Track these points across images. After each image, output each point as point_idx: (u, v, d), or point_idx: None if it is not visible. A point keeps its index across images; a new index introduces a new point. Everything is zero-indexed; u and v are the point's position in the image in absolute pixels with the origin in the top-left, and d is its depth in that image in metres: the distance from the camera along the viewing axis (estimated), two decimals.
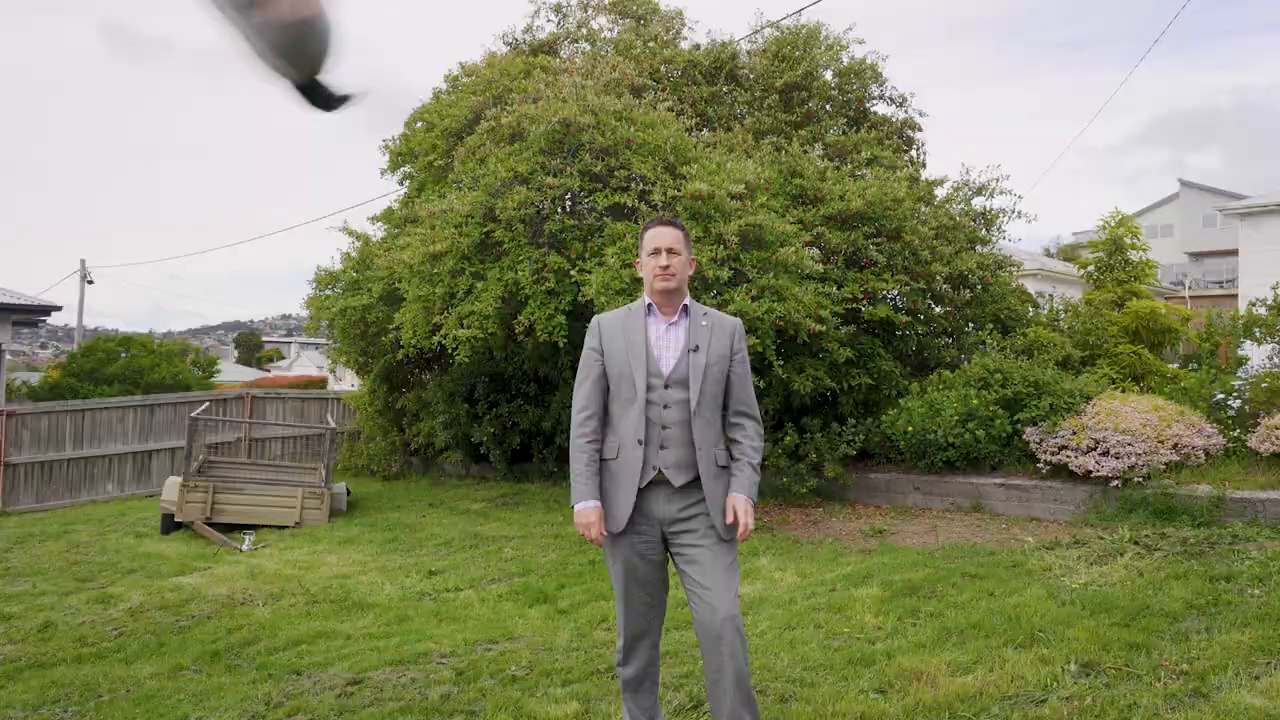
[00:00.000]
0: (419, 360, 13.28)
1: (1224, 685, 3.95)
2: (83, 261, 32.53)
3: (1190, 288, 33.51)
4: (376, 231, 12.06)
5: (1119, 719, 3.71)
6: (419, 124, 11.13)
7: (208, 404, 14.00)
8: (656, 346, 3.34)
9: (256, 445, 16.08)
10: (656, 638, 3.49)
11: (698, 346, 3.32)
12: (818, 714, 3.90)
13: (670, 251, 3.32)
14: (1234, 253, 33.90)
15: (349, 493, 11.60)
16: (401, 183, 11.81)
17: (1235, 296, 24.29)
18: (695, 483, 3.30)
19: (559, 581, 6.80)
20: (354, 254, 11.88)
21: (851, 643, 4.87)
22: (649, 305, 3.39)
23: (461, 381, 12.53)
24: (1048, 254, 38.47)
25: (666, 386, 3.28)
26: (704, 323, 3.38)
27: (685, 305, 3.39)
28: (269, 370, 67.20)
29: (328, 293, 11.69)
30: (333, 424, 11.65)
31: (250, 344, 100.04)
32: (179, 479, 10.46)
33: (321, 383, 36.28)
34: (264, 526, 10.24)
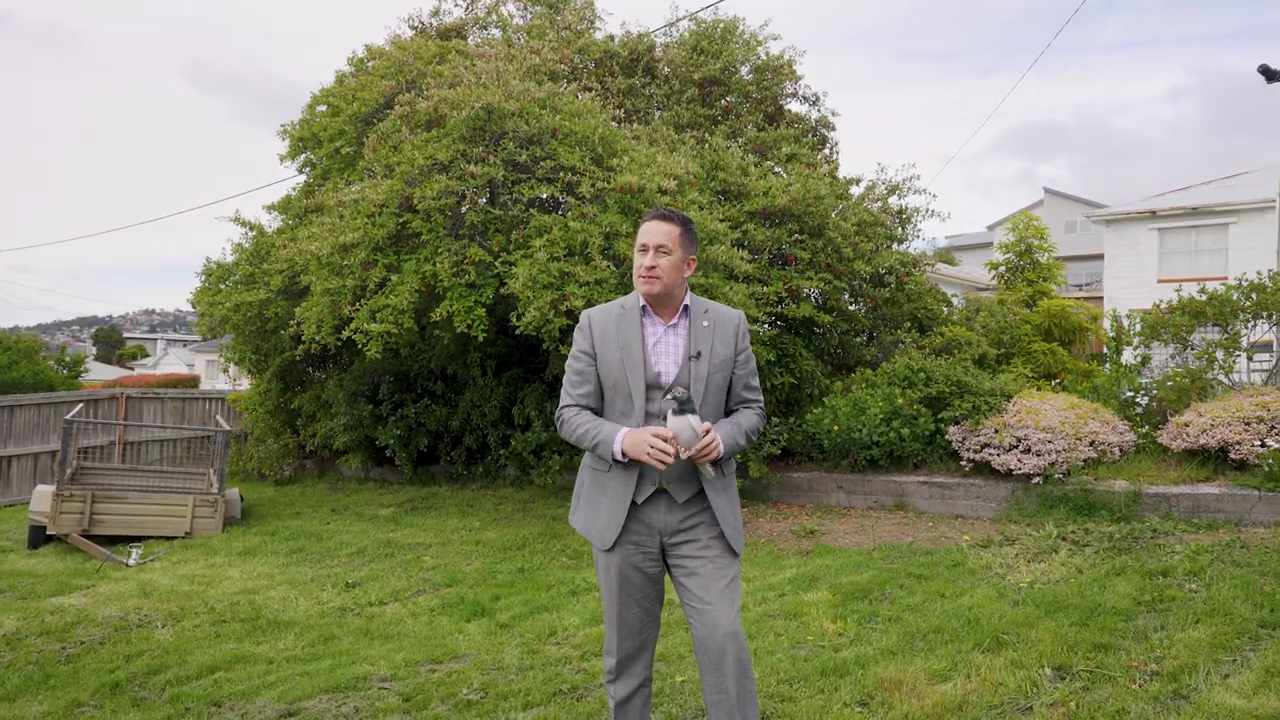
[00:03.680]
0: (316, 358, 12.58)
1: (1199, 686, 3.95)
2: None
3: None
4: (273, 221, 11.32)
5: None
6: (322, 107, 10.48)
7: (81, 405, 12.90)
8: (654, 353, 3.02)
9: (131, 449, 14.95)
10: (651, 656, 3.22)
11: (699, 353, 3.03)
12: None
13: (659, 250, 2.98)
14: (1094, 257, 35.87)
15: (242, 499, 10.86)
16: (302, 170, 11.10)
17: (1100, 298, 25.64)
18: (700, 494, 3.05)
19: (492, 592, 6.43)
20: (248, 245, 11.11)
21: (818, 652, 4.71)
22: (643, 305, 3.06)
23: (364, 380, 11.92)
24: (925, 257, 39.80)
25: (666, 397, 2.99)
26: (705, 323, 3.07)
27: (686, 304, 3.10)
28: (133, 368, 63.40)
29: (221, 286, 10.88)
30: (225, 425, 10.87)
31: (111, 340, 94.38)
32: (51, 487, 9.56)
33: (192, 381, 34.44)
34: (150, 538, 9.45)
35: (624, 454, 2.89)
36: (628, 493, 3.00)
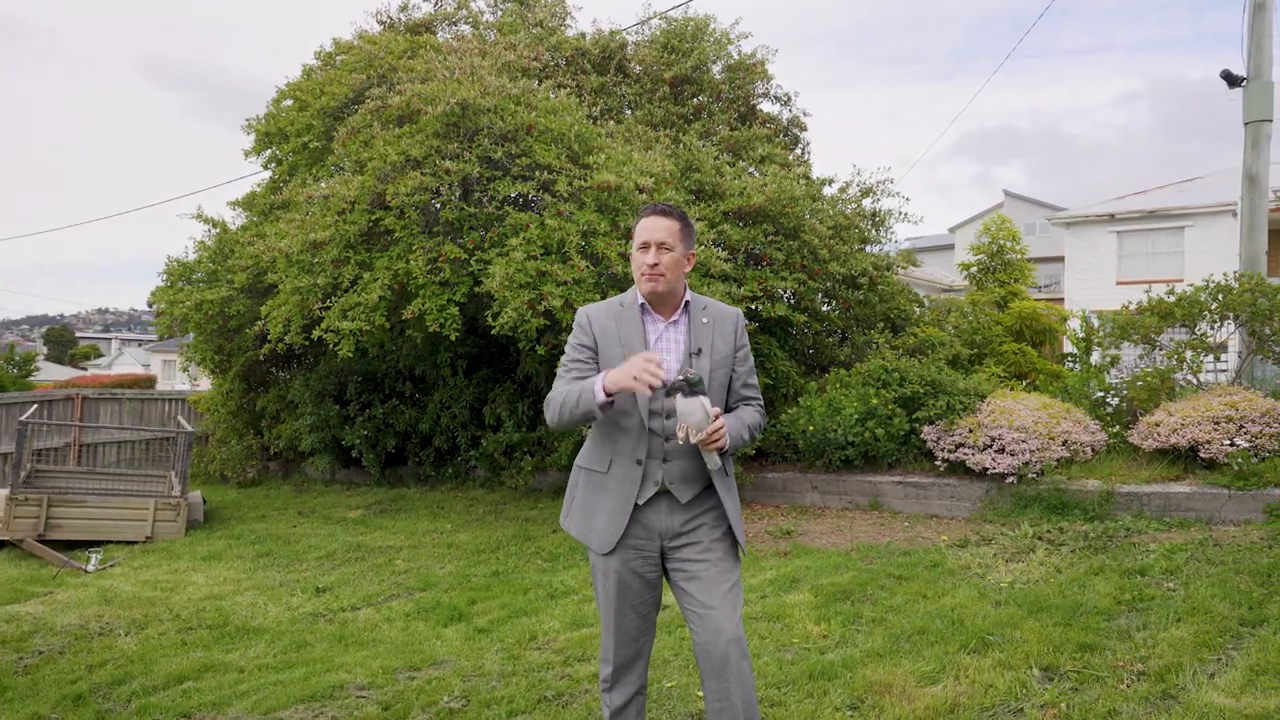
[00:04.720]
0: (281, 358, 12.33)
1: (1187, 685, 3.95)
2: None
3: None
4: (236, 218, 11.07)
5: None
6: (288, 102, 10.25)
7: (36, 406, 12.53)
8: (656, 350, 2.97)
9: (87, 451, 14.55)
10: (646, 663, 3.14)
11: (700, 350, 2.98)
12: None
13: (661, 247, 2.92)
14: (1054, 259, 36.37)
15: (205, 502, 10.60)
16: (267, 165, 10.86)
17: (1060, 299, 25.98)
18: (702, 495, 2.98)
19: (468, 596, 6.31)
20: (210, 243, 10.85)
21: (804, 654, 4.65)
22: (642, 303, 3.00)
23: (331, 380, 11.70)
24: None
25: (669, 395, 2.92)
26: (704, 319, 3.03)
27: (686, 300, 3.04)
28: (86, 369, 62.00)
29: (182, 285, 10.61)
30: (187, 426, 10.60)
31: (63, 340, 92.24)
32: (4, 491, 9.26)
33: (148, 381, 33.75)
34: (110, 542, 9.18)
35: (608, 391, 2.74)
36: (630, 494, 2.93)
